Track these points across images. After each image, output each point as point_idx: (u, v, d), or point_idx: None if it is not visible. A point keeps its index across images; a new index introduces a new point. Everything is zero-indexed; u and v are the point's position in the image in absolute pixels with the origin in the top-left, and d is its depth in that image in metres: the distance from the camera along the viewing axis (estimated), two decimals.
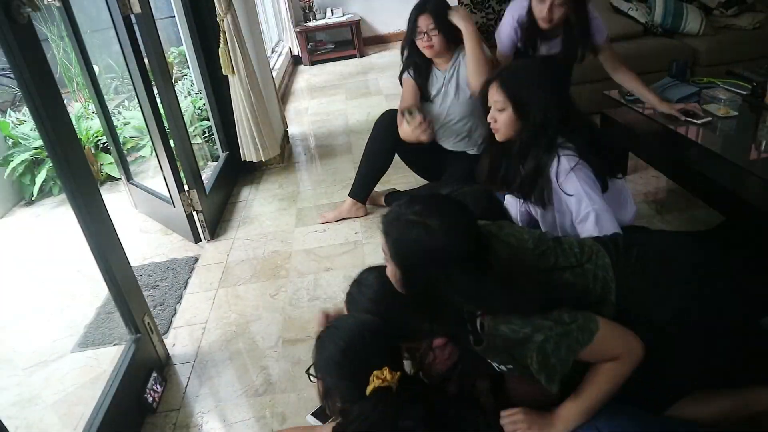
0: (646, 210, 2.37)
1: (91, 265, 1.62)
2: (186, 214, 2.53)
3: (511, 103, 1.61)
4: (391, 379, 1.16)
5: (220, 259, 2.46)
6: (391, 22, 6.30)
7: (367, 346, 1.21)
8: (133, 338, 1.73)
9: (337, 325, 1.29)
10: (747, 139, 2.10)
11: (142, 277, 2.36)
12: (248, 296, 2.18)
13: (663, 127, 2.24)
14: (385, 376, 1.16)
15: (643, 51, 3.27)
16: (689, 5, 3.40)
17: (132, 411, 1.62)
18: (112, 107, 3.83)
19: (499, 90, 1.63)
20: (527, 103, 1.59)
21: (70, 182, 1.48)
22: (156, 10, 2.62)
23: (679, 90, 2.37)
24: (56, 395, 1.83)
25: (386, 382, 1.16)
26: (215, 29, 2.78)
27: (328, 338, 1.25)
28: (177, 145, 2.49)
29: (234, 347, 1.92)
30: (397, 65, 2.53)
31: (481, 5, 3.59)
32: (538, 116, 1.58)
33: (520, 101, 1.60)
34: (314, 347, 1.27)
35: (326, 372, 1.23)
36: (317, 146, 3.64)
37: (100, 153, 3.51)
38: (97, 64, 3.52)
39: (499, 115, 1.65)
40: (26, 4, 1.33)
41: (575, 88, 3.29)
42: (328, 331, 1.27)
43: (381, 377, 1.15)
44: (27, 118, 3.58)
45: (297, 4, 5.92)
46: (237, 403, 1.69)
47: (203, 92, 3.16)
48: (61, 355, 2.02)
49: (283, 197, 2.96)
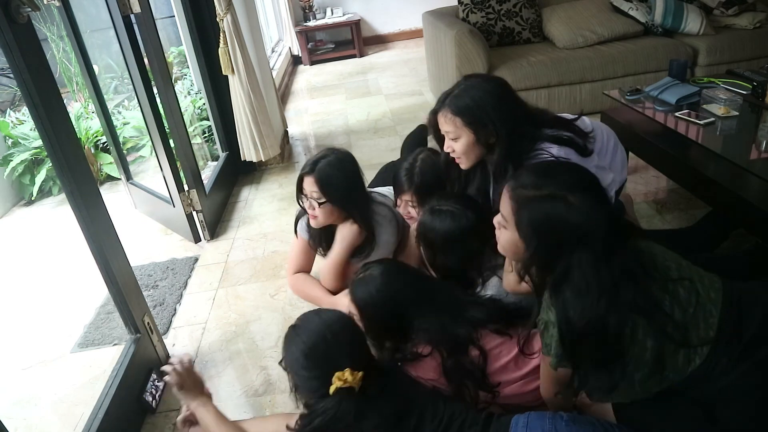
0: (646, 210, 2.37)
1: (91, 265, 1.62)
2: (186, 214, 2.53)
3: (466, 128, 1.55)
4: (352, 379, 1.18)
5: (220, 259, 2.46)
6: (391, 22, 6.31)
7: (330, 348, 1.23)
8: (133, 338, 1.72)
9: (302, 325, 1.30)
10: (747, 139, 2.10)
11: (142, 277, 2.36)
12: (248, 296, 2.18)
13: (663, 127, 2.24)
14: (345, 377, 1.18)
15: (643, 51, 3.27)
16: (689, 5, 3.40)
17: (132, 411, 1.62)
18: (112, 107, 3.82)
19: (449, 118, 1.57)
20: (482, 122, 1.54)
21: (70, 182, 1.48)
22: (156, 10, 2.62)
23: (679, 90, 2.37)
24: (56, 395, 1.83)
25: (347, 383, 1.18)
26: (215, 29, 2.78)
27: (291, 338, 1.27)
28: (177, 145, 2.49)
29: (234, 347, 1.92)
30: (397, 65, 2.52)
31: (481, 5, 3.59)
32: (500, 130, 1.53)
33: (474, 123, 1.55)
34: (282, 343, 1.30)
35: (291, 369, 1.26)
36: (317, 146, 3.64)
37: (99, 153, 3.51)
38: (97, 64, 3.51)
39: (455, 144, 1.59)
40: (26, 4, 1.32)
41: (575, 88, 3.31)
42: (293, 330, 1.29)
43: (342, 379, 1.18)
44: (27, 118, 3.58)
45: (297, 4, 5.93)
46: (237, 403, 1.68)
47: (203, 92, 3.16)
48: (60, 355, 2.02)
49: (283, 197, 2.96)
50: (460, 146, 1.59)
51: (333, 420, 1.17)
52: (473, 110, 1.55)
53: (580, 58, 3.27)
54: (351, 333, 1.29)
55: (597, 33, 3.37)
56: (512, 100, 1.61)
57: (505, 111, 1.55)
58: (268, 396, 1.69)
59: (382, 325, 1.45)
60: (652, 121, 2.30)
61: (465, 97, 1.57)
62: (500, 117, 1.54)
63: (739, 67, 2.78)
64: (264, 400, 1.68)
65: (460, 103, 1.57)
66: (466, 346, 1.36)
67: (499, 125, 1.54)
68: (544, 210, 1.07)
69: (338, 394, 1.18)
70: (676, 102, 2.31)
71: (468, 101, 1.56)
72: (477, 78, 1.65)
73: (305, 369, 1.23)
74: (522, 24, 3.61)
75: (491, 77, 1.70)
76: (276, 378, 1.76)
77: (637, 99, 2.44)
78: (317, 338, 1.24)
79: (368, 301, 1.44)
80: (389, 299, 1.43)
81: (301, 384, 1.25)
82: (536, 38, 3.64)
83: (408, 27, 6.31)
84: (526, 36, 3.63)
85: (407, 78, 4.80)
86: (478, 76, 1.68)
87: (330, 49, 5.96)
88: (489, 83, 1.62)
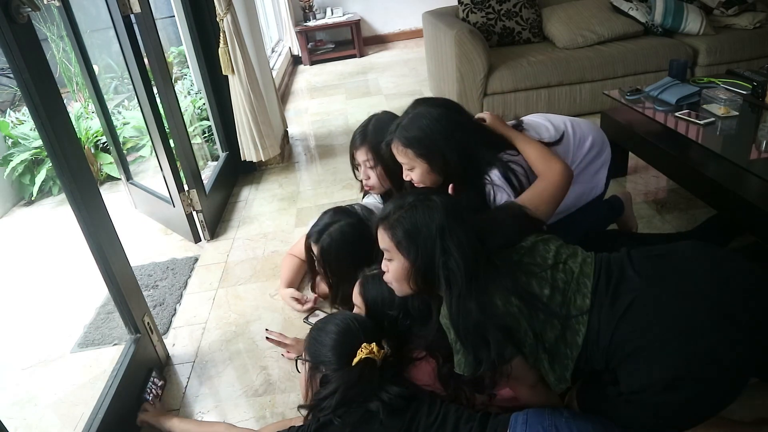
0: (646, 210, 2.37)
1: (91, 265, 1.62)
2: (186, 214, 2.53)
3: (418, 159, 1.55)
4: (377, 353, 1.31)
5: (219, 259, 2.46)
6: (391, 22, 6.31)
7: (359, 330, 1.36)
8: (133, 338, 1.72)
9: (324, 322, 1.42)
10: (747, 139, 2.10)
11: (142, 277, 2.36)
12: (248, 296, 2.18)
13: (663, 127, 2.24)
14: (372, 348, 1.31)
15: (643, 51, 3.27)
16: (689, 5, 3.40)
17: (132, 411, 1.61)
18: (112, 107, 3.83)
19: (401, 150, 1.57)
20: (432, 152, 1.54)
21: (70, 182, 1.48)
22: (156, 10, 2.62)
23: (679, 90, 2.37)
24: (56, 395, 1.83)
25: (373, 355, 1.30)
26: (215, 29, 2.78)
27: (318, 331, 1.40)
28: (177, 145, 2.49)
29: (234, 347, 1.92)
30: (397, 65, 2.52)
31: (481, 5, 3.59)
32: (451, 158, 1.53)
33: (425, 154, 1.54)
34: (307, 337, 1.42)
35: (318, 347, 1.36)
36: (317, 146, 3.64)
37: (99, 153, 3.51)
38: (97, 64, 3.52)
39: (412, 173, 1.60)
40: (26, 4, 1.32)
41: (575, 88, 3.32)
42: (318, 326, 1.42)
43: (369, 348, 1.30)
44: (27, 118, 3.58)
45: (297, 4, 5.93)
46: (237, 403, 1.68)
47: (203, 92, 3.16)
48: (60, 355, 2.02)
49: (283, 197, 2.96)
50: (416, 176, 1.59)
51: (352, 391, 1.25)
52: (422, 140, 1.54)
53: (580, 58, 3.27)
54: (373, 327, 1.42)
55: (597, 33, 3.38)
56: (462, 125, 1.58)
57: (455, 138, 1.54)
58: (268, 396, 1.69)
59: (384, 324, 1.46)
60: (652, 121, 2.30)
61: (413, 128, 1.55)
62: (450, 145, 1.53)
63: (739, 67, 2.78)
64: (264, 400, 1.68)
65: (409, 135, 1.55)
66: None
67: (448, 153, 1.53)
68: (412, 218, 1.20)
69: (361, 364, 1.28)
70: (676, 102, 2.31)
71: (416, 132, 1.55)
72: (425, 104, 1.61)
73: (335, 342, 1.33)
74: (522, 24, 3.61)
75: (440, 102, 1.64)
76: (276, 378, 1.76)
77: (637, 99, 2.44)
78: (349, 321, 1.38)
79: (378, 300, 1.45)
80: (398, 303, 1.44)
81: (324, 357, 1.34)
82: (536, 38, 3.64)
83: (408, 27, 6.31)
84: (526, 36, 3.63)
85: (407, 78, 4.80)
86: (426, 101, 1.64)
87: (330, 49, 5.97)
88: (437, 109, 1.58)
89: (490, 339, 1.12)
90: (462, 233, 1.16)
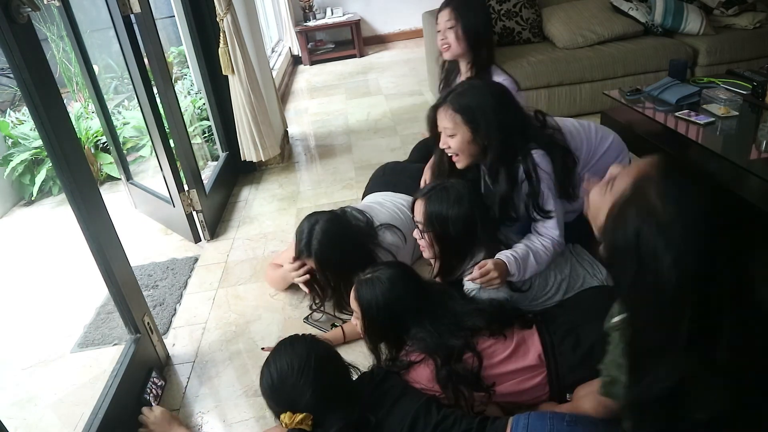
0: None
1: (91, 265, 1.62)
2: (186, 214, 2.53)
3: (464, 125, 1.58)
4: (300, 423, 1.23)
5: (219, 259, 2.46)
6: (391, 22, 6.30)
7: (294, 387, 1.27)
8: (133, 338, 1.72)
9: (274, 358, 1.34)
10: (747, 139, 2.10)
11: (142, 277, 2.36)
12: (248, 296, 2.18)
13: (663, 127, 2.24)
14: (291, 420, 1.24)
15: (643, 51, 3.27)
16: (689, 5, 3.40)
17: (132, 411, 1.61)
18: (112, 107, 3.82)
19: (449, 114, 1.59)
20: (479, 123, 1.56)
21: (70, 182, 1.48)
22: (156, 10, 2.62)
23: (679, 90, 2.37)
24: (56, 395, 1.83)
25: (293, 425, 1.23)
26: (215, 29, 2.78)
27: (264, 370, 1.34)
28: (177, 145, 2.49)
29: (234, 347, 1.92)
30: (397, 65, 2.53)
31: None
32: (494, 134, 1.56)
33: (472, 122, 1.57)
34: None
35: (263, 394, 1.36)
36: (317, 146, 3.64)
37: (99, 153, 3.51)
38: (97, 64, 3.51)
39: (451, 140, 1.61)
40: (26, 4, 1.32)
41: (575, 88, 3.32)
42: (266, 363, 1.35)
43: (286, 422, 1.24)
44: (27, 118, 3.58)
45: (297, 4, 5.92)
46: (237, 403, 1.68)
47: (203, 92, 3.16)
48: (60, 355, 2.01)
49: (283, 197, 2.96)
50: (455, 143, 1.61)
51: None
52: (473, 110, 1.58)
53: (580, 58, 3.27)
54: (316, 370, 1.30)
55: (597, 33, 3.37)
56: (511, 109, 1.62)
57: (502, 118, 1.58)
58: None
59: (380, 327, 1.46)
60: (652, 121, 2.31)
61: (467, 97, 1.60)
62: (496, 122, 1.57)
63: (739, 67, 2.79)
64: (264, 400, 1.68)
65: (462, 102, 1.59)
66: (461, 354, 1.37)
67: (493, 130, 1.57)
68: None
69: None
70: (676, 102, 2.32)
71: (470, 101, 1.59)
72: (481, 81, 1.68)
73: (269, 398, 1.33)
74: (522, 24, 3.61)
75: (495, 83, 1.73)
76: None
77: (637, 99, 2.44)
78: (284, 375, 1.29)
79: (372, 304, 1.44)
80: (393, 305, 1.44)
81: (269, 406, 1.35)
82: (536, 38, 3.64)
83: (408, 27, 6.31)
84: (526, 36, 3.63)
85: (407, 78, 4.80)
86: (482, 79, 1.72)
87: (330, 49, 5.96)
88: (492, 88, 1.65)
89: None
90: None
